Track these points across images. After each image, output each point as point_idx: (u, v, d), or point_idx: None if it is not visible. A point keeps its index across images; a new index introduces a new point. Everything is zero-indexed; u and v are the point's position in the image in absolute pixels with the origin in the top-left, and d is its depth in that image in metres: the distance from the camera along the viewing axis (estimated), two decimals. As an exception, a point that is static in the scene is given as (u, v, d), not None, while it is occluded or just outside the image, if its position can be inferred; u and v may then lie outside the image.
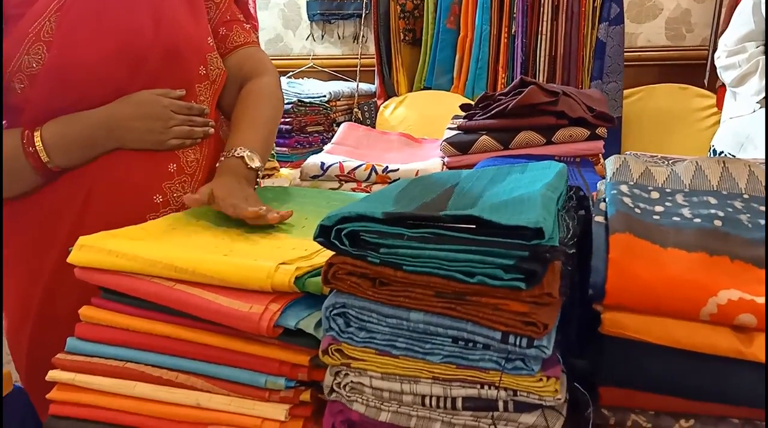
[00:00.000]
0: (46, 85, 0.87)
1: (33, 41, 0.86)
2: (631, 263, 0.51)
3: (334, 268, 0.56)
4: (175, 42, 0.94)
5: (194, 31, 0.98)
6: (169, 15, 0.94)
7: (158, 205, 0.94)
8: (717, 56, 1.64)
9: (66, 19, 0.87)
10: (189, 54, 0.96)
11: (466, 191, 0.66)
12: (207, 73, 0.99)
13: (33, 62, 0.86)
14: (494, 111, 1.10)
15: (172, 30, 0.94)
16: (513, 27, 2.34)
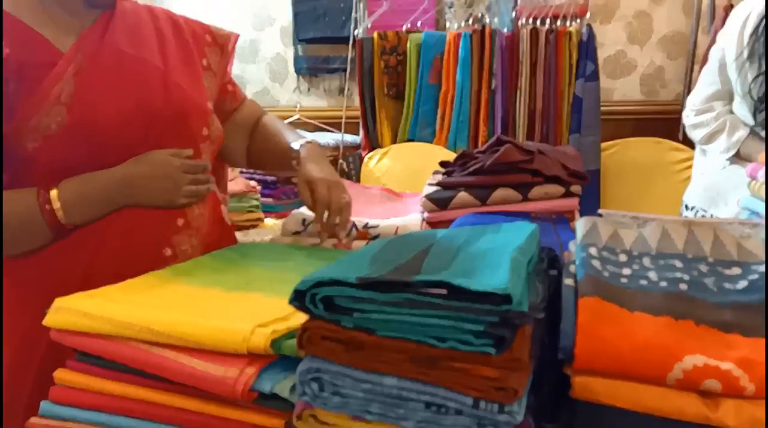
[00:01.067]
0: (63, 145, 0.90)
1: (53, 104, 0.90)
2: (599, 327, 0.52)
3: (309, 333, 0.56)
4: (183, 105, 1.01)
5: (197, 95, 1.05)
6: (175, 81, 1.01)
7: (168, 258, 0.96)
8: (685, 115, 1.70)
9: (85, 83, 0.92)
10: (194, 116, 1.03)
11: (440, 252, 0.67)
12: (209, 133, 1.06)
13: (52, 123, 0.89)
14: (472, 168, 1.13)
15: (179, 94, 1.01)
16: (493, 83, 2.41)
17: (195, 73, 1.08)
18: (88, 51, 0.94)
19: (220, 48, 1.15)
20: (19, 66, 0.90)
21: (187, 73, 1.05)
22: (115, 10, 1.00)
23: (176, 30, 1.09)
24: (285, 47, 3.24)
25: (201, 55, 1.11)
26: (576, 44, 2.36)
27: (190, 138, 1.02)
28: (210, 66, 1.12)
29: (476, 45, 2.41)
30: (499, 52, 2.38)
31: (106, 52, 0.96)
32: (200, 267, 0.90)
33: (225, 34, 1.17)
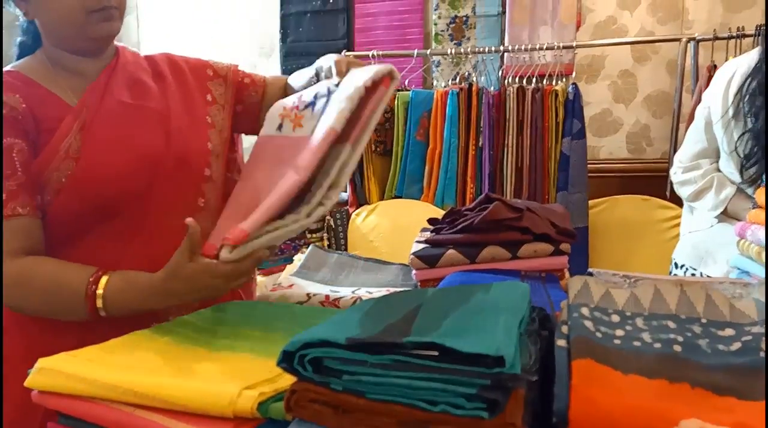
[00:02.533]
0: (72, 196, 0.97)
1: (62, 158, 0.97)
2: (593, 391, 0.52)
3: (297, 395, 0.56)
4: (184, 150, 1.06)
5: (198, 138, 1.10)
6: (176, 127, 1.06)
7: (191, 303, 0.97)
8: (673, 172, 1.75)
9: (90, 137, 0.98)
10: (195, 159, 1.08)
11: (430, 312, 0.67)
12: (210, 174, 1.10)
13: (62, 177, 0.97)
14: (461, 226, 1.14)
15: (180, 139, 1.06)
16: (480, 140, 2.47)
17: (197, 114, 1.13)
18: (92, 105, 1.01)
19: (224, 79, 1.20)
20: (35, 120, 0.98)
21: (188, 115, 1.10)
22: (117, 65, 1.07)
23: (176, 71, 1.15)
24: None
25: (204, 91, 1.16)
26: (562, 102, 2.44)
27: (192, 180, 1.07)
28: (215, 99, 1.17)
29: (463, 102, 2.48)
30: (486, 110, 2.45)
31: (109, 104, 1.02)
32: (185, 326, 0.89)
33: (224, 66, 1.22)
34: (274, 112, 1.01)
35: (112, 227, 1.01)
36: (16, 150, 0.95)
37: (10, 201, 0.93)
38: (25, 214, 0.95)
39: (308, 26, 3.12)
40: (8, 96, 0.97)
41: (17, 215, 0.94)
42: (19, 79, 1.00)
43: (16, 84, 0.99)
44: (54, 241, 1.00)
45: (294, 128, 0.93)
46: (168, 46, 3.36)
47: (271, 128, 0.98)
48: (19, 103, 0.97)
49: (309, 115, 0.91)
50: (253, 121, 1.23)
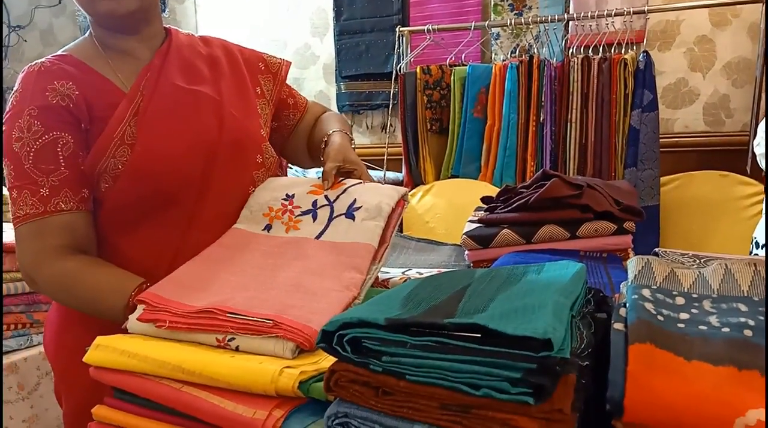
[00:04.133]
0: (128, 182, 0.98)
1: (118, 145, 0.98)
2: (652, 377, 0.50)
3: (336, 376, 0.56)
4: (237, 136, 1.06)
5: (250, 125, 1.11)
6: (229, 112, 1.07)
7: None
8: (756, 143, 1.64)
9: (144, 123, 0.99)
10: (249, 145, 1.08)
11: (478, 293, 0.66)
12: (263, 160, 1.10)
13: (119, 164, 0.98)
14: (516, 204, 1.11)
15: (234, 124, 1.06)
16: (541, 115, 2.40)
17: (249, 102, 1.14)
18: (146, 89, 1.01)
19: (273, 76, 1.22)
20: (88, 107, 0.98)
21: (241, 102, 1.11)
22: (170, 47, 1.08)
23: (230, 59, 1.16)
24: (328, 84, 3.32)
25: (255, 84, 1.17)
26: (632, 73, 2.32)
27: (245, 167, 1.07)
28: (264, 94, 1.19)
29: (523, 76, 2.40)
30: (547, 83, 2.37)
31: (163, 89, 1.02)
32: None
33: (277, 62, 1.24)
34: (256, 211, 1.02)
35: (169, 215, 1.01)
36: (61, 144, 0.95)
37: (53, 196, 0.94)
38: (68, 209, 0.95)
39: (362, 2, 3.10)
40: (60, 83, 0.97)
41: (59, 211, 0.94)
42: (72, 64, 1.00)
43: (69, 70, 0.99)
44: (113, 230, 1.01)
45: (288, 231, 0.96)
46: (224, 27, 3.42)
47: (254, 227, 0.99)
48: (73, 90, 0.97)
49: (309, 222, 0.96)
50: (280, 141, 1.25)
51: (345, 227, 0.92)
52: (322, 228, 0.93)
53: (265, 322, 0.72)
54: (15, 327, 1.44)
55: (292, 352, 0.69)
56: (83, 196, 0.98)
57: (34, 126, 0.94)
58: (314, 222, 0.95)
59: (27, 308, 1.47)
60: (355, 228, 0.92)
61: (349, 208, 0.95)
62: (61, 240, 0.95)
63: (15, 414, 1.40)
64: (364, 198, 0.95)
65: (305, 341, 0.70)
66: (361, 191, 0.98)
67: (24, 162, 0.93)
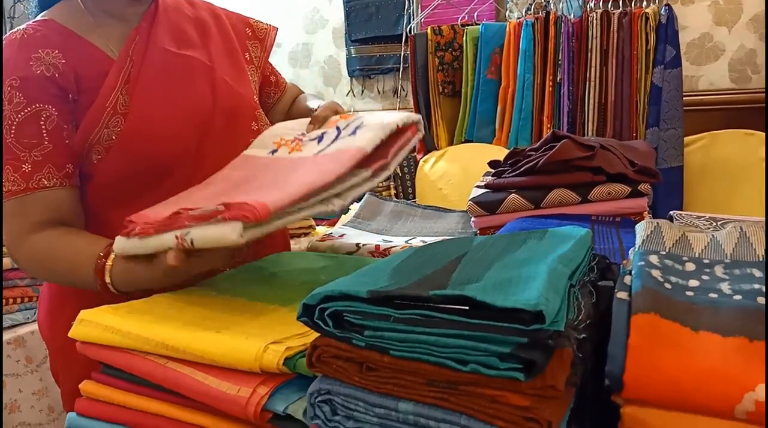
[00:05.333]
0: (122, 153, 0.94)
1: (111, 115, 0.94)
2: (655, 350, 0.46)
3: (319, 351, 0.53)
4: (232, 103, 1.04)
5: (244, 91, 1.08)
6: (221, 78, 1.04)
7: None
8: None
9: (137, 90, 0.95)
10: (244, 113, 1.06)
11: (474, 262, 0.62)
12: (258, 128, 1.07)
13: (112, 135, 0.93)
14: (524, 168, 1.07)
15: (227, 91, 1.03)
16: (558, 74, 2.32)
17: (240, 68, 1.10)
18: (136, 55, 0.97)
19: (260, 41, 1.18)
20: (77, 78, 0.93)
21: (232, 68, 1.08)
22: (158, 9, 1.03)
23: (218, 22, 1.12)
24: (337, 49, 3.26)
25: (243, 49, 1.14)
26: (654, 28, 2.23)
27: (240, 134, 1.04)
28: (252, 60, 1.15)
29: (539, 34, 2.32)
30: (565, 41, 2.28)
31: (153, 54, 0.98)
32: (229, 280, 0.89)
33: (264, 27, 1.19)
34: (266, 139, 0.98)
35: (164, 187, 0.95)
36: (44, 116, 0.91)
37: (35, 172, 0.90)
38: (51, 185, 0.91)
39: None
40: (46, 51, 0.91)
41: (42, 188, 0.90)
42: (56, 30, 0.94)
43: (54, 37, 0.93)
44: (104, 205, 0.98)
45: (290, 152, 0.93)
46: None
47: (260, 151, 0.96)
48: (59, 59, 0.92)
49: (313, 145, 0.92)
50: None
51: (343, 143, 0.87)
52: (324, 147, 0.90)
53: (217, 209, 0.69)
54: (21, 301, 1.45)
55: (239, 234, 0.66)
56: (68, 171, 0.94)
57: (16, 97, 0.90)
58: (318, 144, 0.91)
59: (33, 281, 1.48)
60: (353, 139, 0.87)
61: (354, 130, 0.90)
62: (43, 217, 0.92)
63: (24, 387, 1.42)
64: (371, 118, 0.91)
65: (250, 214, 0.66)
66: (371, 115, 0.93)
67: (6, 136, 0.90)
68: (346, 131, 0.91)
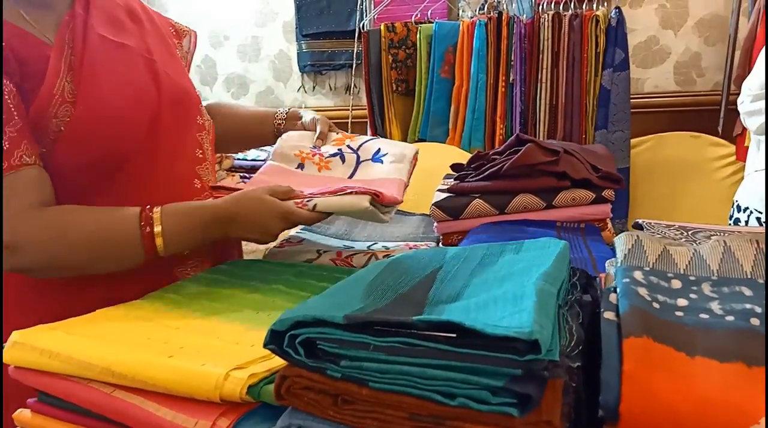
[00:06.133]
0: (71, 144, 0.88)
1: (60, 103, 0.87)
2: (651, 377, 0.43)
3: (289, 382, 0.48)
4: (177, 96, 1.00)
5: (185, 83, 1.04)
6: (163, 70, 0.99)
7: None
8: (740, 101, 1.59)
9: (82, 77, 0.89)
10: (189, 105, 1.02)
11: (450, 278, 0.59)
12: (203, 122, 1.05)
13: (60, 125, 0.87)
14: (488, 172, 1.04)
15: (170, 84, 0.99)
16: (511, 75, 2.32)
17: (177, 60, 1.07)
18: (75, 41, 0.91)
19: (188, 35, 1.16)
20: (18, 61, 0.87)
21: (171, 60, 1.04)
22: None
23: (148, 17, 1.06)
24: (288, 44, 3.17)
25: (173, 43, 1.10)
26: (604, 30, 2.26)
27: (189, 128, 1.01)
28: (181, 53, 1.12)
29: (492, 34, 2.31)
30: (517, 41, 2.29)
31: (92, 40, 0.92)
32: (179, 292, 0.83)
33: (185, 30, 1.17)
34: (287, 151, 1.06)
35: (115, 183, 0.93)
36: (6, 91, 0.84)
37: (14, 149, 0.83)
38: (32, 163, 0.85)
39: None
40: None
41: (26, 165, 0.84)
42: None
43: None
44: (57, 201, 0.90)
45: (320, 170, 1.03)
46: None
47: (288, 164, 1.04)
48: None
49: (338, 163, 1.04)
50: None
51: (375, 170, 1.02)
52: (352, 170, 1.02)
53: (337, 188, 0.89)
54: None
55: (369, 201, 0.87)
56: (40, 151, 0.87)
57: None
58: (343, 164, 1.03)
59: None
60: (384, 169, 1.02)
61: (375, 155, 1.04)
62: (36, 195, 0.84)
63: None
64: (387, 147, 1.07)
65: (377, 194, 0.88)
66: (382, 142, 1.08)
67: None
68: (363, 154, 1.05)
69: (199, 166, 1.03)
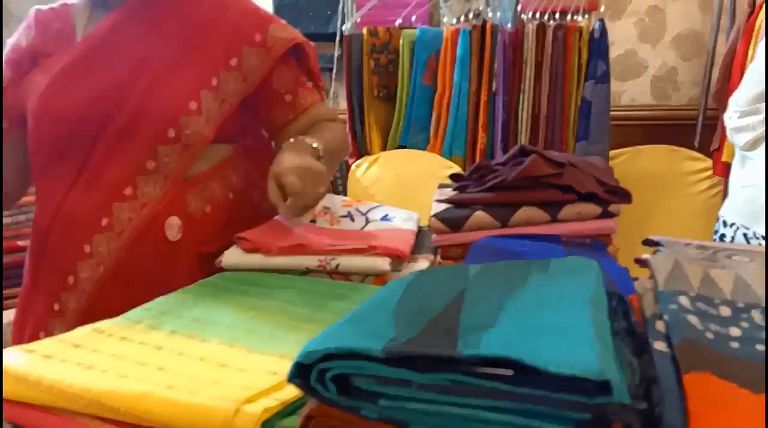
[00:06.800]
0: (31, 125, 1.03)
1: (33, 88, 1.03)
2: (718, 418, 0.40)
3: (315, 423, 0.43)
4: (146, 104, 0.99)
5: (172, 93, 1.01)
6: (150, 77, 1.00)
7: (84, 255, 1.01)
8: (728, 116, 1.60)
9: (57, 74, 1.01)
10: (157, 116, 1.00)
11: (479, 300, 0.54)
12: (177, 135, 1.00)
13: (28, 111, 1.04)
14: (491, 183, 1.00)
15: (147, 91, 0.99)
16: (494, 84, 2.30)
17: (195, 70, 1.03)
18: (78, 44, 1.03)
19: (267, 50, 1.06)
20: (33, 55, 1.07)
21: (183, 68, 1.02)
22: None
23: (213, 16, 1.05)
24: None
25: (232, 53, 1.04)
26: (587, 42, 2.26)
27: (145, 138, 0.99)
28: (240, 67, 1.05)
29: (476, 42, 2.29)
30: (501, 50, 2.27)
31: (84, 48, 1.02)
32: (178, 304, 0.76)
33: (278, 37, 1.07)
34: None
35: (59, 169, 1.02)
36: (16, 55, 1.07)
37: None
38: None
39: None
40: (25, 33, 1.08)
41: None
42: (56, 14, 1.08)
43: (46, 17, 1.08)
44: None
45: (332, 225, 1.08)
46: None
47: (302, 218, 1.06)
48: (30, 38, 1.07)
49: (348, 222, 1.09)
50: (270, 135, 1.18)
51: (385, 226, 1.06)
52: (362, 225, 1.07)
53: (361, 247, 0.88)
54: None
55: (391, 264, 0.87)
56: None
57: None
58: (353, 222, 1.08)
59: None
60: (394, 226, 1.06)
61: (383, 217, 1.10)
62: None
63: None
64: (395, 212, 1.12)
65: (401, 254, 0.89)
66: (389, 208, 1.15)
67: None
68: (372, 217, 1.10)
69: (144, 176, 1.00)
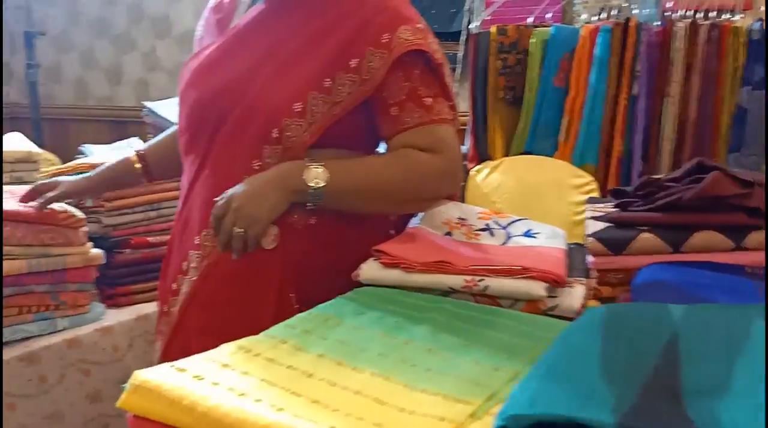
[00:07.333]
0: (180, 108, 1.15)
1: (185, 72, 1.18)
2: None
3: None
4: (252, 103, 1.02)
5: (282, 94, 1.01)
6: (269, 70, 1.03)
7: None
8: None
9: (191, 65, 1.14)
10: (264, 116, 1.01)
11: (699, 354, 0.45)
12: (280, 136, 1.00)
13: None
14: (662, 201, 0.88)
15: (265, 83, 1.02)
16: (635, 87, 2.12)
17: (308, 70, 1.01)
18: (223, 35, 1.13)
19: (389, 52, 1.00)
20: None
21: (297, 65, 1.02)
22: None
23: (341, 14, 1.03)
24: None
25: (353, 54, 1.00)
26: (744, 44, 2.03)
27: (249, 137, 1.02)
28: (360, 68, 1.00)
29: (617, 41, 2.12)
30: (645, 51, 2.09)
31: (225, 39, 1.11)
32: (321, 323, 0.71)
33: (402, 40, 1.01)
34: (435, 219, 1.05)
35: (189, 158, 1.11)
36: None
37: None
38: None
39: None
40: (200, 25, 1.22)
41: None
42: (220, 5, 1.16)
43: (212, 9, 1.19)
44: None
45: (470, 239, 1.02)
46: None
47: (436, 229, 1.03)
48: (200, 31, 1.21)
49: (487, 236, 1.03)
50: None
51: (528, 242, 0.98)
52: (503, 241, 0.99)
53: (514, 268, 0.81)
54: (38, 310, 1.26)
55: (546, 290, 0.79)
56: None
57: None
58: (492, 237, 1.01)
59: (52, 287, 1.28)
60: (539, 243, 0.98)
61: (526, 232, 1.02)
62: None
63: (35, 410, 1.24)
64: (539, 228, 1.04)
65: (557, 278, 0.82)
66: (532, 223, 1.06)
67: None
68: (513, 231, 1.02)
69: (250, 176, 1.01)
